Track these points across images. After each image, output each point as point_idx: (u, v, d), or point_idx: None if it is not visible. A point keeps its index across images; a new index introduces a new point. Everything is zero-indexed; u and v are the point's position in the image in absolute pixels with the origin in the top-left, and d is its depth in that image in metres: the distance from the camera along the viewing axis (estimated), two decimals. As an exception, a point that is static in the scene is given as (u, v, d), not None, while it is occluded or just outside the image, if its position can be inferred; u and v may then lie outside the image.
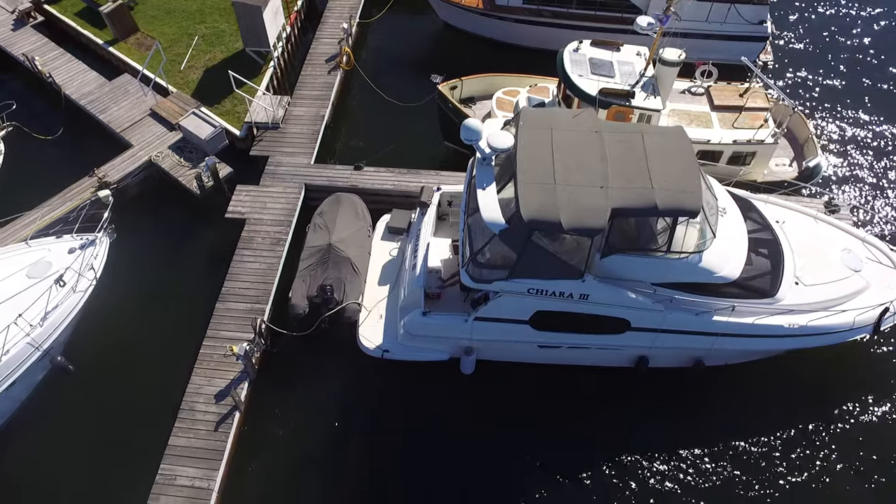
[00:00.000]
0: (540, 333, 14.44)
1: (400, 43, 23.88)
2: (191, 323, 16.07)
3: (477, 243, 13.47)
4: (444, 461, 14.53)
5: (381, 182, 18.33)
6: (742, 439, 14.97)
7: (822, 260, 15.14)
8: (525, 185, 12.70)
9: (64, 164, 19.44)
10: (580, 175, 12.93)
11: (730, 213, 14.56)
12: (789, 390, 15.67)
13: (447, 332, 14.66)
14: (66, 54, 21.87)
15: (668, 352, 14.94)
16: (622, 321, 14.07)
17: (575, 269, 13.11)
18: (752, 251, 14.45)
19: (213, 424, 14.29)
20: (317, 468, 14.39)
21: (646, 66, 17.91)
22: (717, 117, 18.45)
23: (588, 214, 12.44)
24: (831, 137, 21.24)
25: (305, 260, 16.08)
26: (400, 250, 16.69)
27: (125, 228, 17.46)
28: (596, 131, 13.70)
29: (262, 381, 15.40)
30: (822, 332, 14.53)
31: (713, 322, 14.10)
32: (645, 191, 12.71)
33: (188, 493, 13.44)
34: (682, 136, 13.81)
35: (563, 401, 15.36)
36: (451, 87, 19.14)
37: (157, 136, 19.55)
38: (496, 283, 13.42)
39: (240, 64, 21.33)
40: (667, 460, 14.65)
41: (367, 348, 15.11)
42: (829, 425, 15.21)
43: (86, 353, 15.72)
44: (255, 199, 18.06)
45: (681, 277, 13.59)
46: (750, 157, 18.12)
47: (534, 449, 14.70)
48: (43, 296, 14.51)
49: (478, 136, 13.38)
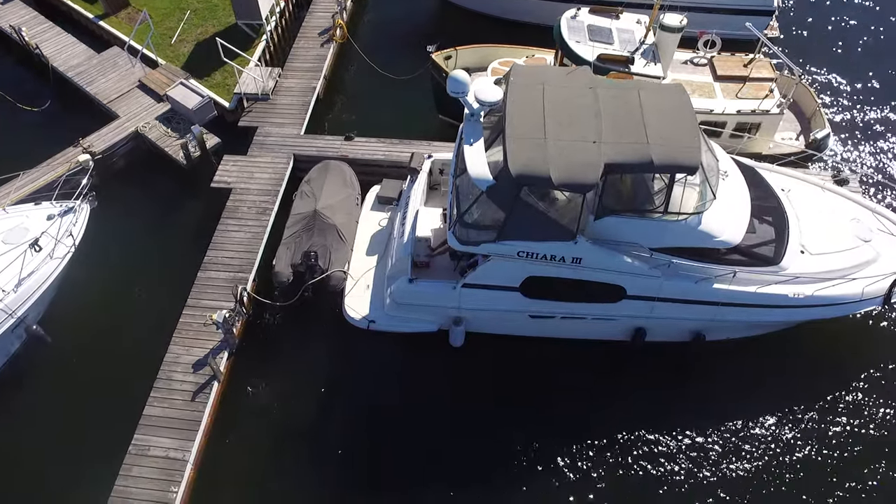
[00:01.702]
0: (531, 301, 13.81)
1: (395, 17, 23.37)
2: (172, 293, 15.52)
3: (465, 204, 12.88)
4: (431, 436, 13.90)
5: (373, 152, 17.79)
6: (744, 418, 14.22)
7: (829, 229, 14.42)
8: (514, 140, 12.10)
9: (50, 135, 19.00)
10: (572, 130, 12.32)
11: (732, 177, 13.89)
12: (796, 367, 14.90)
13: (435, 300, 14.05)
14: (54, 27, 21.51)
15: (666, 323, 14.25)
16: (617, 288, 13.42)
17: (567, 231, 12.48)
18: (755, 218, 13.78)
19: (189, 394, 13.73)
20: (298, 441, 13.80)
21: (646, 34, 17.32)
22: (720, 87, 17.79)
23: (580, 169, 11.82)
24: (839, 111, 20.52)
25: (291, 227, 15.55)
26: (389, 220, 16.12)
27: (109, 199, 17.07)
28: (591, 87, 13.09)
29: (244, 352, 14.85)
30: (829, 302, 13.80)
31: (714, 290, 13.42)
32: (640, 146, 12.08)
33: (162, 464, 12.87)
34: (681, 93, 13.18)
35: (556, 377, 14.68)
36: (446, 56, 18.59)
37: (145, 107, 19.10)
38: (484, 245, 12.81)
39: (232, 38, 20.80)
40: (664, 440, 13.93)
41: (353, 319, 14.52)
42: (837, 402, 14.46)
43: (64, 323, 15.23)
44: (241, 168, 17.56)
45: (679, 241, 12.93)
46: (755, 129, 17.45)
47: (524, 425, 14.03)
48: (17, 261, 14.02)
49: (465, 89, 12.80)
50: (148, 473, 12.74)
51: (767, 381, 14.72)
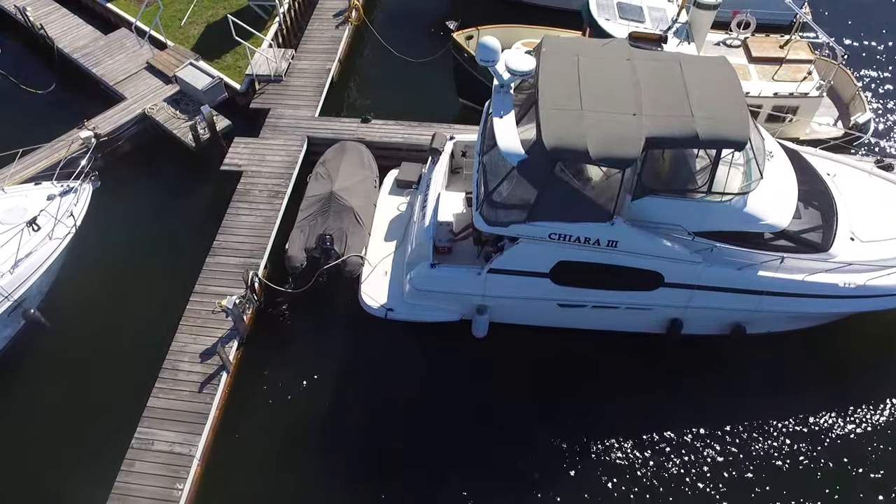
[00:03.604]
0: (561, 289, 12.90)
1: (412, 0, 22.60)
2: (179, 278, 14.70)
3: (493, 182, 12.01)
4: (450, 431, 13.01)
5: (391, 135, 16.95)
6: (785, 418, 13.26)
7: (879, 215, 13.52)
8: (547, 111, 11.24)
9: (55, 118, 18.28)
10: (610, 102, 11.45)
11: (777, 158, 12.99)
12: (844, 365, 13.94)
13: (457, 286, 13.17)
14: (61, 9, 20.78)
15: (705, 314, 13.32)
16: (655, 275, 12.50)
17: (603, 211, 11.59)
18: (801, 202, 12.87)
19: (197, 385, 12.90)
20: (310, 435, 12.94)
21: (679, 12, 16.46)
22: (755, 70, 16.93)
23: (619, 143, 10.94)
24: (878, 95, 19.58)
25: (305, 210, 14.75)
26: (409, 205, 15.27)
27: (114, 182, 16.32)
28: (628, 59, 12.22)
29: (255, 341, 14.01)
30: (882, 293, 12.85)
31: (758, 278, 12.50)
32: (684, 118, 11.20)
33: (166, 459, 12.03)
34: (725, 66, 12.31)
35: (585, 372, 13.78)
36: (467, 36, 17.77)
37: (153, 89, 18.35)
38: (513, 226, 11.93)
39: (244, 19, 19.93)
40: (697, 442, 12.98)
41: (370, 307, 13.66)
42: (888, 404, 13.50)
43: (65, 308, 14.44)
44: (253, 151, 16.76)
45: (722, 224, 12.04)
46: (792, 112, 16.54)
47: (548, 421, 13.12)
48: (13, 240, 13.24)
49: (495, 57, 11.93)
50: (151, 469, 11.92)
51: (809, 379, 13.77)
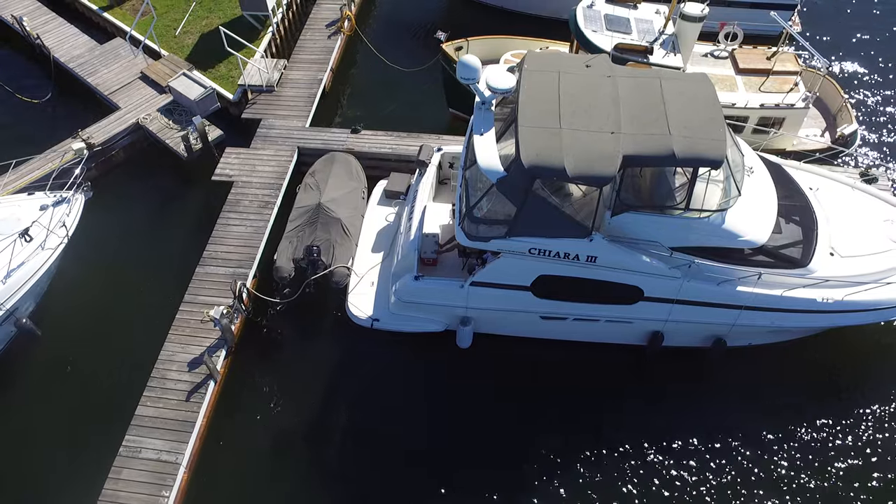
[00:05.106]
0: (543, 302, 13.10)
1: (405, 9, 22.74)
2: (169, 288, 14.98)
3: (474, 197, 12.21)
4: (435, 440, 13.21)
5: (380, 146, 17.14)
6: (763, 431, 13.41)
7: (860, 230, 13.64)
8: (527, 129, 11.42)
9: (50, 128, 18.63)
10: (589, 119, 11.62)
11: (757, 173, 13.13)
12: (821, 378, 14.10)
13: (441, 298, 13.38)
14: (57, 18, 21.02)
15: (685, 327, 13.50)
16: (634, 289, 12.68)
17: (582, 227, 11.77)
18: (781, 217, 13.02)
19: (184, 394, 13.12)
20: (297, 444, 13.15)
21: (665, 24, 16.60)
22: (742, 81, 17.03)
23: (597, 161, 11.11)
24: (865, 108, 19.71)
25: (293, 220, 14.96)
26: (396, 215, 15.48)
27: (107, 191, 16.61)
28: (609, 76, 12.39)
29: (243, 351, 14.24)
30: (859, 308, 12.99)
31: (737, 293, 12.66)
32: (662, 137, 11.36)
33: (153, 467, 12.26)
34: (705, 83, 12.45)
35: (567, 382, 13.95)
36: (457, 47, 17.93)
37: (146, 98, 18.58)
38: (494, 241, 12.12)
39: (237, 30, 20.22)
40: (679, 452, 13.15)
41: (357, 317, 13.87)
42: (867, 418, 13.64)
43: (56, 317, 14.71)
44: (244, 161, 16.97)
45: (701, 240, 12.19)
46: (778, 124, 16.67)
47: (531, 430, 13.32)
48: (6, 250, 13.48)
49: (475, 75, 12.13)
50: (138, 477, 12.14)
51: (787, 391, 13.92)
